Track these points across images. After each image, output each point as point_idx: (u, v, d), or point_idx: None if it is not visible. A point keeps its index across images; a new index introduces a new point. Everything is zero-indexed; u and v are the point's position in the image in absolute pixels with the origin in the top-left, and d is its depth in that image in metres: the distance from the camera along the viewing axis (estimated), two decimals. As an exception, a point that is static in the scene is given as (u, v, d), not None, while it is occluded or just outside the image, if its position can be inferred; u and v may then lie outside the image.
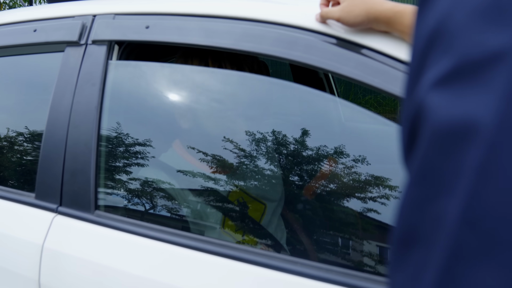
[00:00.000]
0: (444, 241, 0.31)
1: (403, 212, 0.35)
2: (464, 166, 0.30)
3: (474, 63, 0.31)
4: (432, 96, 0.33)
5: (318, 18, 0.95)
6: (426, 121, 0.33)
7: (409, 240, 0.34)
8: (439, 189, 0.32)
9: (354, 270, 0.82)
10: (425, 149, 0.33)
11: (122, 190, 1.15)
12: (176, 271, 0.95)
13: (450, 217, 0.30)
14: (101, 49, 1.14)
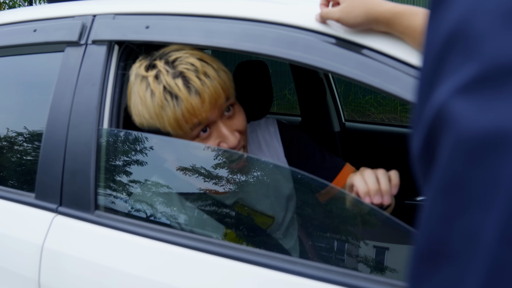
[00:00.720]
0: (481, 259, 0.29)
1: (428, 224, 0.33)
2: (501, 178, 0.28)
3: (503, 68, 0.29)
4: (456, 103, 0.31)
5: (318, 18, 0.95)
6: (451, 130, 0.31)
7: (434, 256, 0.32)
8: (471, 202, 0.30)
9: (354, 270, 0.82)
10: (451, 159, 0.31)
11: (122, 191, 1.15)
12: (176, 271, 0.95)
13: (487, 233, 0.28)
14: (101, 49, 1.14)
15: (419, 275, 0.33)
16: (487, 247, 0.28)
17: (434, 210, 0.32)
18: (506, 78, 0.29)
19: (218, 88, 1.03)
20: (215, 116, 1.05)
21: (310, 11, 0.98)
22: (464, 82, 0.31)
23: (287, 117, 2.79)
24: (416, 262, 0.33)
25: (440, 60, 0.33)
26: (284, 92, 6.79)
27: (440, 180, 0.32)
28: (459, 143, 0.30)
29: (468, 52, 0.31)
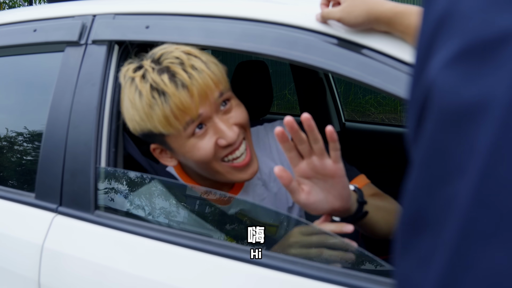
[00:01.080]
0: (454, 222, 0.30)
1: (411, 196, 0.34)
2: (476, 146, 0.30)
3: (483, 42, 0.31)
4: (441, 76, 0.32)
5: (319, 18, 0.95)
6: (435, 102, 0.32)
7: (417, 225, 0.33)
8: (449, 171, 0.31)
9: (354, 270, 0.82)
10: (433, 130, 0.33)
11: (122, 191, 1.15)
12: (176, 271, 0.95)
13: (462, 198, 0.30)
14: (101, 49, 1.14)
15: (404, 246, 0.34)
16: (461, 210, 0.30)
17: (417, 181, 0.34)
18: (486, 52, 0.30)
19: (207, 80, 0.98)
20: (208, 111, 1.00)
21: (310, 11, 0.98)
22: (449, 56, 0.32)
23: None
24: (402, 233, 0.35)
25: (431, 42, 0.35)
26: (284, 92, 6.79)
27: (423, 152, 0.33)
28: (441, 114, 0.32)
29: (453, 30, 0.33)
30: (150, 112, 0.98)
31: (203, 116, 0.99)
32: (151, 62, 1.01)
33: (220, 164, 1.04)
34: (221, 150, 1.03)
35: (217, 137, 1.02)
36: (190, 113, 0.98)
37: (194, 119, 0.99)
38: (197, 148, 1.01)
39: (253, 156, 1.07)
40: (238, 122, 1.04)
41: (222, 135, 1.01)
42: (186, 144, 1.02)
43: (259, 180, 1.17)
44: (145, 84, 0.98)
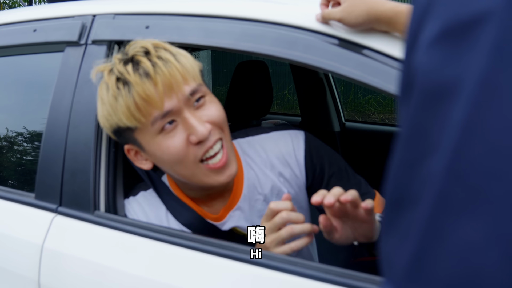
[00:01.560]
0: (428, 197, 0.31)
1: (393, 174, 0.35)
2: (449, 122, 0.31)
3: (461, 23, 0.32)
4: (422, 57, 0.33)
5: (319, 18, 0.95)
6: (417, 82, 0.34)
7: (399, 202, 0.34)
8: (427, 148, 0.32)
9: (353, 271, 0.82)
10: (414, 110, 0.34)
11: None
12: (176, 272, 0.95)
13: (435, 173, 0.31)
14: (101, 49, 1.14)
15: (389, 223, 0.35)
16: (434, 185, 0.31)
17: (399, 159, 0.35)
18: (464, 32, 0.31)
19: (174, 72, 0.93)
20: (177, 105, 0.94)
21: (310, 11, 0.98)
22: (430, 38, 0.33)
23: (287, 117, 2.79)
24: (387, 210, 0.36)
25: (417, 28, 0.36)
26: (284, 92, 6.79)
27: (405, 132, 0.34)
28: (421, 94, 0.33)
29: (435, 13, 0.34)
30: (115, 104, 0.94)
31: (172, 111, 0.94)
32: (119, 54, 0.99)
33: (198, 166, 0.97)
34: (193, 149, 0.96)
35: (188, 134, 0.95)
36: (154, 104, 0.92)
37: (161, 113, 0.93)
38: (166, 146, 0.95)
39: (231, 158, 1.00)
40: (211, 119, 0.97)
41: (193, 130, 0.94)
42: (155, 141, 0.96)
43: (260, 195, 1.10)
44: (112, 76, 0.95)
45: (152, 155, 0.99)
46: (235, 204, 1.09)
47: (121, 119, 0.95)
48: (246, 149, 1.12)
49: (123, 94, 0.93)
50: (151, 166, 1.03)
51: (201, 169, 0.98)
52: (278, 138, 1.13)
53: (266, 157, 1.11)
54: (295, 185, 1.12)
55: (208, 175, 0.99)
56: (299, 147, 1.11)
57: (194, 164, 0.97)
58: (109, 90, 0.95)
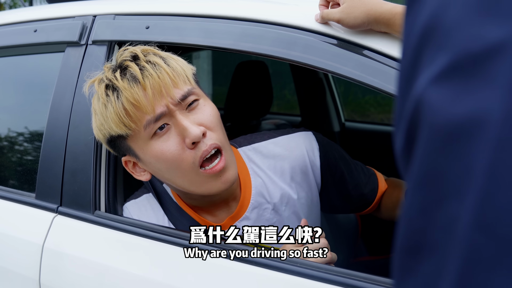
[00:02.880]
0: (457, 248, 0.29)
1: (408, 218, 0.33)
2: (472, 166, 0.28)
3: (473, 56, 0.29)
4: (430, 93, 0.31)
5: (318, 19, 0.95)
6: (426, 120, 0.31)
7: (416, 248, 0.32)
8: (446, 192, 0.30)
9: (353, 271, 0.82)
10: (426, 150, 0.31)
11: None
12: (176, 272, 0.95)
13: (462, 222, 0.29)
14: (101, 50, 1.14)
15: (404, 269, 0.33)
16: (463, 234, 0.29)
17: (413, 203, 0.32)
18: (476, 67, 0.29)
19: (163, 75, 0.91)
20: (167, 109, 0.91)
21: (309, 12, 0.98)
22: (437, 72, 0.31)
23: (287, 117, 2.79)
24: (400, 256, 0.34)
25: (417, 55, 0.33)
26: (284, 92, 6.79)
27: (417, 173, 0.32)
28: (433, 133, 0.31)
29: (440, 44, 0.31)
30: (105, 112, 0.93)
31: (164, 114, 0.92)
32: (109, 64, 0.98)
33: (196, 172, 0.94)
34: (190, 153, 0.92)
35: (182, 137, 0.92)
36: (144, 109, 0.90)
37: (153, 117, 0.91)
38: (161, 151, 0.93)
39: (230, 164, 0.96)
40: (204, 123, 0.94)
41: (185, 132, 0.91)
42: (148, 147, 0.93)
43: (269, 204, 1.06)
44: (102, 85, 0.95)
45: (148, 163, 0.97)
46: (242, 214, 1.05)
47: (112, 127, 0.93)
48: (252, 157, 1.09)
49: (112, 100, 0.91)
50: (149, 177, 1.01)
51: (199, 175, 0.94)
52: (288, 142, 1.10)
53: (274, 163, 1.07)
54: (308, 189, 1.09)
55: (206, 182, 0.95)
56: (312, 148, 1.09)
57: (191, 170, 0.94)
58: (100, 99, 0.94)
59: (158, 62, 0.92)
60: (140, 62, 0.92)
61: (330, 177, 1.11)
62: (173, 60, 0.95)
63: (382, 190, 1.18)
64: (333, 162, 1.11)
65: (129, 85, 0.90)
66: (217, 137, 0.95)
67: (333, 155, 1.12)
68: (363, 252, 1.76)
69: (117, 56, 0.98)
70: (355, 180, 1.14)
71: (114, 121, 0.92)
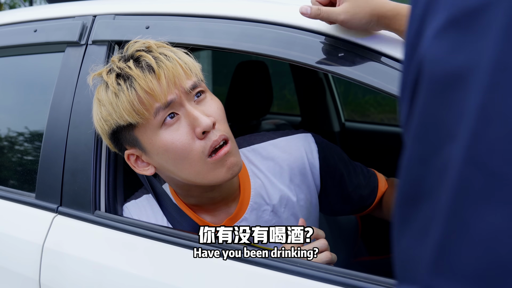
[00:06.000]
0: (448, 186, 0.30)
1: (406, 169, 0.34)
2: (464, 109, 0.30)
3: (468, 11, 0.32)
4: (431, 48, 0.33)
5: (309, 13, 0.89)
6: (425, 73, 0.33)
7: (415, 197, 0.33)
8: (442, 139, 0.32)
9: (353, 271, 0.82)
10: (424, 101, 0.33)
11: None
12: (176, 272, 0.95)
13: (454, 161, 0.30)
14: (101, 49, 1.14)
15: (403, 220, 0.34)
16: (454, 171, 0.30)
17: (412, 154, 0.34)
18: (470, 20, 0.31)
19: (176, 66, 0.93)
20: (178, 97, 0.92)
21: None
22: (437, 28, 0.33)
23: (287, 117, 2.79)
24: (400, 207, 0.35)
25: (421, 22, 0.35)
26: (284, 92, 6.79)
27: (416, 124, 0.34)
28: (431, 84, 0.33)
29: (440, 5, 0.34)
30: (116, 101, 0.92)
31: (174, 103, 0.92)
32: (117, 55, 0.98)
33: (204, 162, 0.93)
34: (199, 143, 0.92)
35: (192, 126, 0.92)
36: (157, 98, 0.91)
37: (163, 104, 0.91)
38: (171, 140, 0.93)
39: (235, 151, 0.96)
40: (211, 114, 0.95)
41: (196, 122, 0.92)
42: (158, 136, 0.93)
43: (268, 206, 1.06)
44: (111, 74, 0.94)
45: (154, 155, 0.96)
46: (241, 215, 1.04)
47: (123, 115, 0.92)
48: (251, 158, 1.08)
49: (124, 89, 0.91)
50: (153, 172, 1.00)
51: (206, 164, 0.94)
52: (287, 143, 1.09)
53: (274, 165, 1.07)
54: (307, 191, 1.09)
55: (212, 170, 0.94)
56: (311, 150, 1.09)
57: (199, 160, 0.93)
58: (109, 88, 0.93)
59: (171, 54, 0.94)
60: (154, 53, 0.94)
61: (330, 179, 1.11)
62: (183, 54, 0.97)
63: (382, 190, 1.17)
64: (332, 164, 1.10)
65: (143, 74, 0.91)
66: (225, 129, 0.96)
67: (332, 157, 1.11)
68: (363, 252, 1.76)
69: (127, 46, 0.98)
70: (355, 182, 1.14)
71: (126, 109, 0.91)
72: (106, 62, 1.12)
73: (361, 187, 1.14)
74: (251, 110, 2.13)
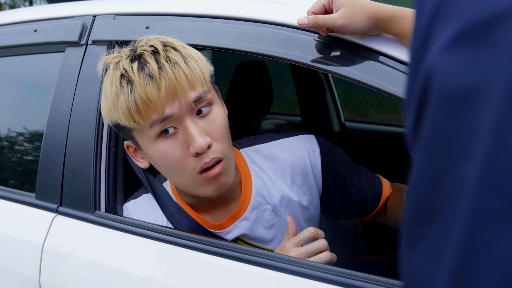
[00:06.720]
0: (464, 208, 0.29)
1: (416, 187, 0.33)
2: (479, 128, 0.29)
3: (480, 24, 0.30)
4: (440, 61, 0.32)
5: (307, 23, 0.89)
6: (435, 87, 0.32)
7: (424, 215, 0.32)
8: (455, 156, 0.30)
9: (353, 271, 0.82)
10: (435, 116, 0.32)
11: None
12: (176, 272, 0.95)
13: (469, 181, 0.29)
14: (101, 49, 1.14)
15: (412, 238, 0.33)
16: (470, 193, 0.29)
17: (421, 170, 0.33)
18: (484, 33, 0.30)
19: (181, 76, 0.88)
20: (178, 112, 0.89)
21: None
22: (447, 41, 0.32)
23: (287, 117, 2.79)
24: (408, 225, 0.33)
25: (427, 31, 0.34)
26: (284, 92, 6.79)
27: (426, 140, 0.32)
28: (442, 99, 0.31)
29: (450, 15, 0.32)
30: (116, 101, 0.91)
31: (172, 117, 0.90)
32: (128, 49, 0.95)
33: (194, 177, 0.94)
34: (192, 160, 0.92)
35: (187, 143, 0.91)
36: (155, 109, 0.88)
37: (160, 117, 0.89)
38: (164, 152, 0.92)
39: (227, 171, 0.95)
40: (212, 133, 0.93)
41: (191, 141, 0.90)
42: (152, 144, 0.93)
43: (269, 205, 1.06)
44: (117, 71, 0.92)
45: (149, 156, 0.97)
46: (242, 214, 1.05)
47: (120, 118, 0.92)
48: (254, 158, 1.08)
49: (125, 92, 0.89)
50: (147, 165, 1.01)
51: (197, 179, 0.94)
52: (289, 144, 1.09)
53: (276, 165, 1.07)
54: (308, 192, 1.09)
55: (201, 185, 0.95)
56: (314, 151, 1.08)
57: (190, 175, 0.93)
58: (113, 85, 0.92)
59: (178, 61, 0.89)
60: (159, 58, 0.89)
61: (332, 181, 1.10)
62: (193, 60, 0.92)
63: (386, 195, 1.15)
64: (335, 165, 1.10)
65: (145, 81, 0.88)
66: (221, 149, 0.93)
67: (335, 158, 1.11)
68: (363, 252, 1.76)
69: (137, 43, 0.95)
70: (358, 185, 1.13)
71: (124, 114, 0.90)
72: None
73: (364, 190, 1.13)
74: (251, 110, 2.13)
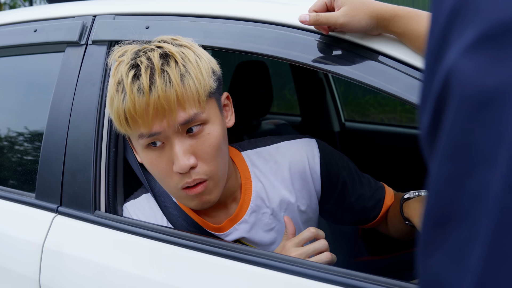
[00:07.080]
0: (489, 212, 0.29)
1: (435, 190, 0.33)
2: (503, 133, 0.28)
3: (503, 26, 0.29)
4: (462, 64, 0.31)
5: (308, 21, 0.89)
6: (456, 90, 0.31)
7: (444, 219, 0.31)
8: (476, 161, 0.30)
9: (353, 271, 0.82)
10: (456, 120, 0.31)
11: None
12: (176, 272, 0.95)
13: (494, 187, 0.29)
14: (101, 49, 1.14)
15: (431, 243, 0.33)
16: (494, 200, 0.28)
17: (441, 175, 0.32)
18: (506, 36, 0.29)
19: (171, 96, 0.85)
20: (165, 130, 0.88)
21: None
22: (469, 43, 0.31)
23: (287, 117, 2.79)
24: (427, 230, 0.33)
25: (445, 33, 0.33)
26: (284, 92, 6.79)
27: (446, 144, 0.32)
28: (463, 103, 0.31)
29: (470, 17, 0.31)
30: (112, 104, 0.91)
31: (159, 134, 0.89)
32: (134, 50, 0.93)
33: (178, 190, 0.94)
34: (176, 176, 0.92)
35: (172, 161, 0.90)
36: (143, 124, 0.87)
37: (147, 133, 0.88)
38: (151, 162, 0.93)
39: (211, 190, 0.94)
40: (197, 153, 0.91)
41: (175, 160, 0.89)
42: (143, 152, 0.94)
43: (268, 209, 1.06)
44: (116, 75, 0.91)
45: (141, 159, 0.99)
46: (241, 217, 1.05)
47: (114, 120, 0.93)
48: (254, 161, 1.08)
49: (118, 99, 0.89)
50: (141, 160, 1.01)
51: (180, 192, 0.95)
52: (290, 147, 1.08)
53: (276, 168, 1.07)
54: (307, 196, 1.09)
55: (184, 198, 0.96)
56: (313, 155, 1.07)
57: (174, 188, 0.94)
58: (110, 86, 0.92)
59: (173, 78, 0.86)
60: (154, 73, 0.86)
61: (331, 186, 1.09)
62: (191, 77, 0.88)
63: (388, 204, 1.14)
64: (335, 170, 1.09)
65: (136, 94, 0.86)
66: (207, 170, 0.92)
67: (335, 163, 1.10)
68: (363, 252, 1.76)
69: (143, 47, 0.93)
70: (359, 192, 1.11)
71: (115, 119, 0.92)
72: (106, 62, 1.12)
73: (365, 198, 1.12)
74: (251, 110, 2.13)
